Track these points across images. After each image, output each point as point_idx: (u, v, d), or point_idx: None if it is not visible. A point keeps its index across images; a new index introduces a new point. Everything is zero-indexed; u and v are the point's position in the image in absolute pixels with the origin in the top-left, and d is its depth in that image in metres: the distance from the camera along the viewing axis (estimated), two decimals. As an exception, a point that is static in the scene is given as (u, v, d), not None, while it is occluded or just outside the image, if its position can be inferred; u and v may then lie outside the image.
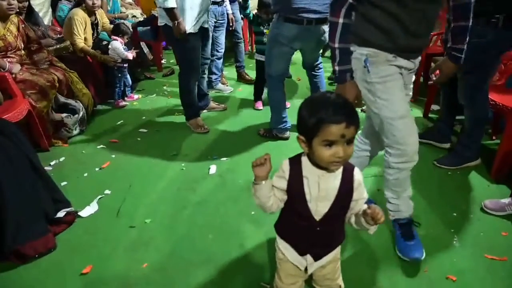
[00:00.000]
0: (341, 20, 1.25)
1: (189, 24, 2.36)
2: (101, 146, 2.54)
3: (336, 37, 1.27)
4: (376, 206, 0.88)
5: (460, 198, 1.86)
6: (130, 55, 3.24)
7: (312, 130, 0.83)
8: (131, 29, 3.45)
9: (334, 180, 0.91)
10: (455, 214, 1.75)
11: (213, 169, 2.21)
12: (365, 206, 0.93)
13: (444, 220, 1.71)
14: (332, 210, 0.93)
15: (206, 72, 2.98)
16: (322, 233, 0.96)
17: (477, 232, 1.63)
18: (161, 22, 2.43)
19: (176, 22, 2.28)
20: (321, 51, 2.60)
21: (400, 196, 1.47)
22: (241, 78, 3.87)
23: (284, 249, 1.03)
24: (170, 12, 2.26)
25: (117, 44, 3.16)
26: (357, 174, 0.95)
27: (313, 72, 2.61)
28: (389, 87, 1.32)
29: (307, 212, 0.93)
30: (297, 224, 0.98)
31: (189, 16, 2.35)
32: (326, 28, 2.23)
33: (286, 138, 2.56)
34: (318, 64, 2.59)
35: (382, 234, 1.61)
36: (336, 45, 1.28)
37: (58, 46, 2.98)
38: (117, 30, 3.24)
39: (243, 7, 3.01)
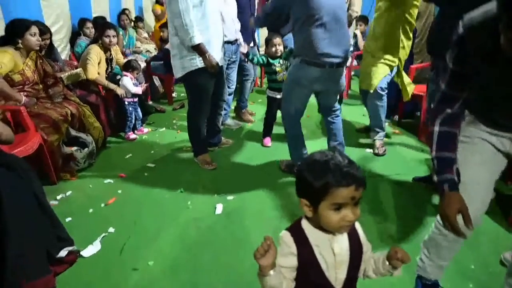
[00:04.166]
0: (436, 128, 1.20)
1: (218, 56, 2.43)
2: (109, 180, 2.53)
3: (433, 146, 1.21)
4: (399, 248, 0.86)
5: (478, 249, 1.77)
6: (140, 89, 3.34)
7: (319, 194, 0.79)
8: (140, 65, 3.60)
9: (344, 240, 0.87)
10: (473, 266, 1.66)
11: (219, 208, 2.16)
12: (384, 252, 0.90)
13: (461, 272, 1.62)
14: (350, 272, 0.87)
15: (223, 109, 3.01)
16: None
17: (498, 287, 1.53)
18: (177, 74, 2.46)
19: (206, 55, 2.34)
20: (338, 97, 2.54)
21: (432, 259, 1.37)
22: (239, 117, 3.77)
23: None
24: (198, 48, 2.32)
25: (127, 80, 3.30)
26: (359, 226, 0.92)
27: (329, 118, 2.54)
28: (460, 147, 1.24)
29: (327, 283, 0.85)
30: None
31: (216, 45, 2.42)
32: (344, 70, 2.34)
33: None
34: (336, 110, 2.53)
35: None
36: (433, 154, 1.21)
37: (70, 72, 3.05)
38: (128, 66, 3.40)
39: (247, 60, 3.02)
